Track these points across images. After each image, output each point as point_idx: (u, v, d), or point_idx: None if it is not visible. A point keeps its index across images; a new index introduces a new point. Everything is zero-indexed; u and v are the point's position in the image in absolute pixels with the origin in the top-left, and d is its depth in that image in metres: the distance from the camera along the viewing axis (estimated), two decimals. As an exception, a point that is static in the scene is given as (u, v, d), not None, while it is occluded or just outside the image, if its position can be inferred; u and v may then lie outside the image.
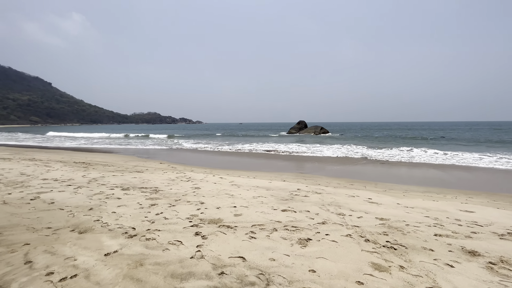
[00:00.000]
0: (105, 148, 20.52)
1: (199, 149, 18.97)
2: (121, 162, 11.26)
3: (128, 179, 6.70)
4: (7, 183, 5.74)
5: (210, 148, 19.71)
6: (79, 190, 5.34)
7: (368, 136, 35.53)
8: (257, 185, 6.42)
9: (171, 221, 3.54)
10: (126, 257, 2.46)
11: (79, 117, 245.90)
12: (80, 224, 3.33)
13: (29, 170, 7.57)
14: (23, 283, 2.00)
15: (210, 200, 4.76)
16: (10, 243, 2.73)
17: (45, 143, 25.31)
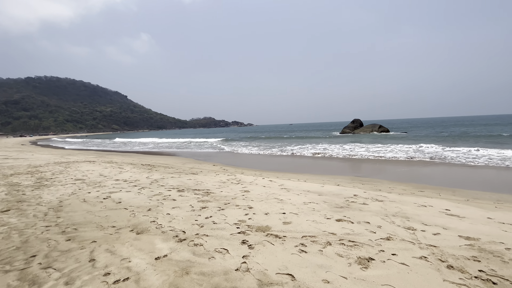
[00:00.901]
0: (167, 151, 22.73)
1: (249, 151, 19.31)
2: (179, 164, 12.19)
3: (184, 181, 7.11)
4: (89, 183, 6.72)
5: (260, 150, 19.86)
6: (142, 190, 5.86)
7: (438, 134, 30.67)
8: (308, 189, 6.03)
9: (219, 226, 3.50)
10: (173, 263, 2.47)
11: (148, 124, 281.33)
12: (138, 225, 3.57)
13: (106, 172, 8.77)
14: (85, 282, 2.15)
15: (258, 204, 4.61)
16: (82, 239, 3.07)
17: (122, 147, 29.54)
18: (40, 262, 2.51)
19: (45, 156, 16.24)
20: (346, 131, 39.28)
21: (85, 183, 6.67)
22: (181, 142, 33.95)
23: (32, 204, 4.65)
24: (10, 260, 2.55)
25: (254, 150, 19.70)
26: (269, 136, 39.70)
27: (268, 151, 18.59)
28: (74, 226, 3.52)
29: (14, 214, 4.08)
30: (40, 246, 2.87)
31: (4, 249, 2.81)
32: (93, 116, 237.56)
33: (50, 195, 5.35)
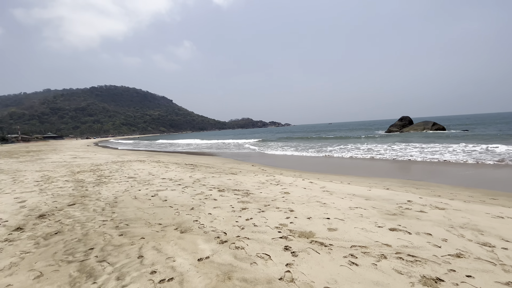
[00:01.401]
0: (208, 151, 23.71)
1: (287, 152, 19.00)
2: (219, 164, 12.53)
3: (224, 181, 7.22)
4: (139, 181, 7.27)
5: (298, 150, 19.39)
6: (186, 189, 6.10)
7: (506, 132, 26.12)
8: (353, 192, 5.58)
9: (260, 229, 3.40)
10: (216, 266, 2.43)
11: (190, 126, 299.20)
12: (182, 223, 3.67)
13: (154, 171, 9.42)
14: (133, 278, 2.24)
15: (300, 208, 4.40)
16: (132, 235, 3.25)
17: (168, 148, 31.81)
18: (96, 255, 2.72)
19: (105, 156, 18.28)
20: (393, 129, 36.13)
21: (136, 181, 7.23)
22: (220, 143, 35.12)
23: (92, 199, 5.18)
24: (72, 251, 2.82)
25: (292, 151, 19.33)
26: (307, 136, 38.67)
27: (306, 151, 18.04)
28: (126, 222, 3.78)
29: (78, 208, 4.58)
30: (97, 240, 3.13)
31: (69, 240, 3.13)
32: (143, 119, 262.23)
33: (107, 192, 5.91)
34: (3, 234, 3.42)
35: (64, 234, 3.33)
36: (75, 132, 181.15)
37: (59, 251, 2.83)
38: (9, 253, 2.84)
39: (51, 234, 3.34)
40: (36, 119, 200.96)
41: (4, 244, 3.09)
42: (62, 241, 3.12)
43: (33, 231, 3.48)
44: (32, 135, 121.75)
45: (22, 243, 3.09)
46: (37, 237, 3.27)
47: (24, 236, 3.32)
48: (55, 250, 2.86)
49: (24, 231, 3.49)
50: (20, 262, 2.61)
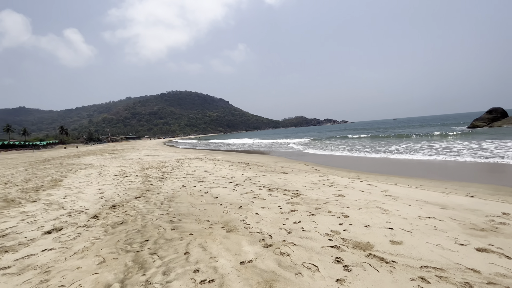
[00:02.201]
0: (261, 150, 24.02)
1: (342, 151, 17.70)
2: (271, 162, 12.48)
3: (274, 180, 7.08)
4: (196, 178, 7.74)
5: (355, 149, 17.85)
6: (236, 187, 6.18)
7: None
8: (424, 198, 4.70)
9: (309, 235, 3.11)
10: (258, 272, 2.29)
11: (245, 125, 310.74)
12: (229, 222, 3.67)
13: (209, 168, 9.95)
14: (177, 275, 2.28)
15: (356, 213, 3.91)
16: (183, 230, 3.39)
17: (225, 147, 33.60)
18: (149, 247, 2.90)
19: (170, 154, 20.37)
20: (479, 124, 29.99)
21: (193, 178, 7.73)
22: (271, 142, 35.19)
23: (154, 193, 5.72)
24: (131, 242, 3.09)
25: (347, 150, 17.91)
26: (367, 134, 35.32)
27: (364, 150, 16.44)
28: (179, 217, 3.99)
29: (142, 201, 5.09)
30: (153, 232, 3.36)
31: (130, 231, 3.46)
32: (204, 120, 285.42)
33: (167, 187, 6.46)
34: (83, 220, 4.03)
35: (127, 224, 3.71)
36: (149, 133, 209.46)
37: (121, 240, 3.14)
38: (84, 238, 3.30)
39: (118, 224, 3.76)
40: (121, 122, 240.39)
41: (83, 230, 3.61)
42: (124, 230, 3.47)
43: (105, 220, 3.99)
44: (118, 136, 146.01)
45: (95, 230, 3.57)
46: (107, 225, 3.73)
47: (98, 223, 3.84)
48: (118, 239, 3.19)
49: (98, 219, 4.04)
50: (91, 247, 2.99)
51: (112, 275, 2.35)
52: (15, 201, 5.57)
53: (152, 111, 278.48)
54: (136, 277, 2.29)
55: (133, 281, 2.23)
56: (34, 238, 3.40)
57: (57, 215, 4.41)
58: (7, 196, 6.03)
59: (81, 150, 39.62)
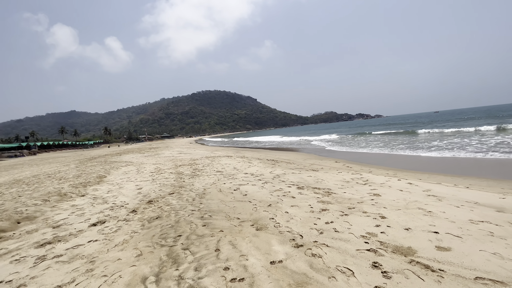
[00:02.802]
0: (290, 147, 23.72)
1: (376, 147, 16.68)
2: (300, 160, 12.22)
3: (304, 178, 6.90)
4: (225, 175, 7.87)
5: (391, 145, 16.69)
6: (265, 185, 6.15)
7: None
8: (476, 200, 4.19)
9: (342, 236, 2.95)
10: (288, 273, 2.22)
11: (273, 122, 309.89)
12: (258, 220, 3.64)
13: (239, 165, 10.06)
14: (208, 272, 2.30)
15: (394, 214, 3.62)
16: (213, 227, 3.45)
17: (254, 144, 33.84)
18: (182, 242, 3.00)
19: (201, 151, 21.09)
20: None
21: (222, 175, 7.87)
22: (299, 140, 34.48)
23: (187, 190, 5.93)
24: (165, 236, 3.22)
25: (381, 146, 16.82)
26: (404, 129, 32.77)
27: (401, 146, 15.27)
28: (210, 213, 4.08)
29: (175, 197, 5.31)
30: (185, 228, 3.47)
31: (165, 225, 3.61)
32: (232, 118, 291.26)
33: (199, 184, 6.66)
34: (123, 214, 4.33)
35: (162, 220, 3.89)
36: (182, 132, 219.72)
37: (156, 235, 3.30)
38: (124, 231, 3.52)
39: (153, 218, 3.96)
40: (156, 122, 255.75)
41: (123, 223, 3.87)
42: (159, 225, 3.64)
43: (142, 214, 4.24)
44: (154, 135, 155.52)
45: (134, 224, 3.80)
46: (144, 219, 3.95)
47: (136, 218, 4.09)
48: (153, 233, 3.35)
49: (136, 214, 4.31)
50: (130, 240, 3.18)
51: (148, 268, 2.46)
52: (67, 195, 6.20)
53: (184, 110, 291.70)
54: (170, 272, 2.37)
55: (167, 275, 2.31)
56: (82, 230, 3.73)
57: (101, 209, 4.80)
58: (61, 190, 6.74)
59: (122, 148, 42.99)
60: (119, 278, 2.32)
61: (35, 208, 5.03)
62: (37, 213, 4.75)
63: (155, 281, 2.24)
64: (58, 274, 2.51)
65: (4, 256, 3.04)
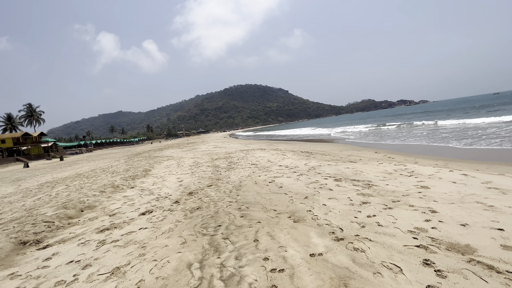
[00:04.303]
0: (325, 138, 22.98)
1: (418, 137, 15.22)
2: (336, 151, 11.77)
3: (341, 169, 6.63)
4: (260, 168, 7.94)
5: (437, 134, 15.08)
6: (300, 177, 6.05)
7: None
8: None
9: (386, 231, 2.77)
10: (329, 266, 2.16)
11: (306, 114, 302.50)
12: (295, 212, 3.61)
13: (272, 158, 10.06)
14: (249, 261, 2.36)
15: (447, 209, 3.28)
16: (251, 218, 3.51)
17: (288, 136, 33.52)
18: (222, 232, 3.12)
19: (235, 145, 21.57)
20: None
21: (257, 168, 7.96)
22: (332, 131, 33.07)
23: (223, 182, 6.13)
24: (206, 226, 3.38)
25: (427, 134, 15.29)
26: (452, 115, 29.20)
27: (452, 136, 13.69)
28: (247, 205, 4.16)
29: (213, 189, 5.53)
30: (224, 218, 3.60)
31: (205, 216, 3.79)
32: (264, 111, 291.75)
33: (234, 176, 6.83)
34: (168, 205, 4.65)
35: (202, 210, 4.09)
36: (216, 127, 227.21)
37: (198, 224, 3.48)
38: (169, 220, 3.79)
39: (194, 209, 4.19)
40: (192, 118, 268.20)
41: (168, 213, 4.17)
42: (200, 215, 3.83)
43: (184, 205, 4.51)
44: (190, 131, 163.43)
45: (177, 214, 4.06)
46: (186, 210, 4.20)
47: (179, 208, 4.37)
48: (195, 223, 3.54)
49: (179, 204, 4.60)
50: (174, 229, 3.41)
51: (193, 255, 2.61)
52: (119, 187, 6.88)
53: (217, 106, 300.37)
54: (212, 259, 2.48)
55: (210, 263, 2.43)
56: (133, 218, 4.11)
57: (148, 200, 5.23)
58: (114, 183, 7.50)
59: (163, 144, 46.12)
60: (167, 263, 2.51)
61: (94, 198, 5.69)
62: (96, 203, 5.37)
63: (199, 268, 2.37)
64: (116, 257, 2.81)
65: (73, 239, 3.51)
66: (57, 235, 3.76)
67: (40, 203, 6.00)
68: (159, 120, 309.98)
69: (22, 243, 3.43)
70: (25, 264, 2.91)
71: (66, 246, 3.29)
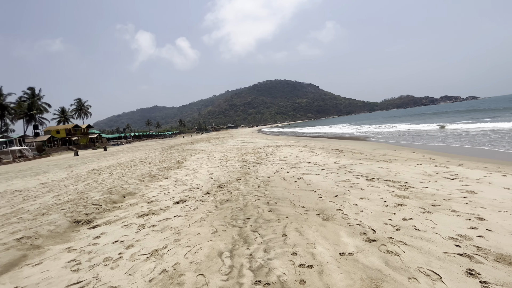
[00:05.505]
0: (356, 135, 22.01)
1: (467, 135, 13.78)
2: (369, 149, 11.23)
3: (374, 169, 6.34)
4: (288, 164, 7.92)
5: (489, 134, 13.50)
6: (330, 175, 5.92)
7: None
8: None
9: (424, 236, 2.61)
10: (360, 266, 2.12)
11: (337, 110, 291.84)
12: (325, 210, 3.56)
13: (301, 155, 9.94)
14: (277, 254, 2.40)
15: (497, 217, 2.97)
16: (279, 213, 3.55)
17: (312, 134, 32.74)
18: (251, 225, 3.20)
19: (263, 141, 21.68)
20: None
21: (285, 164, 7.94)
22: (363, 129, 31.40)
23: (252, 177, 6.24)
24: (236, 218, 3.49)
25: (471, 135, 13.78)
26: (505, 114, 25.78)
27: (507, 137, 12.17)
28: (275, 200, 4.20)
29: (242, 183, 5.67)
30: (252, 212, 3.69)
31: (234, 208, 3.92)
32: (293, 107, 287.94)
33: (262, 171, 6.91)
34: (199, 195, 4.89)
35: (232, 202, 4.23)
36: (244, 122, 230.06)
37: (228, 215, 3.62)
38: (201, 210, 3.99)
39: (224, 201, 4.35)
40: (222, 114, 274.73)
41: (200, 203, 4.39)
42: (230, 207, 3.97)
43: (214, 197, 4.70)
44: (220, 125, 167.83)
45: (208, 204, 4.25)
46: (216, 201, 4.38)
47: (209, 199, 4.57)
48: (225, 214, 3.68)
49: (210, 196, 4.80)
50: (206, 218, 3.59)
51: (223, 245, 2.74)
52: (156, 177, 7.38)
53: (246, 101, 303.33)
54: (241, 250, 2.58)
55: (240, 253, 2.53)
56: (168, 206, 4.40)
57: (181, 190, 5.54)
58: (151, 172, 8.06)
59: (194, 138, 48.09)
60: (200, 250, 2.66)
61: (134, 186, 6.19)
62: (135, 190, 5.84)
63: (229, 256, 2.48)
64: (154, 240, 3.05)
65: (117, 222, 3.88)
66: (104, 217, 4.19)
67: (89, 188, 6.70)
68: (191, 115, 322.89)
69: (76, 222, 3.89)
70: (79, 240, 3.31)
71: (111, 227, 3.65)
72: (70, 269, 2.56)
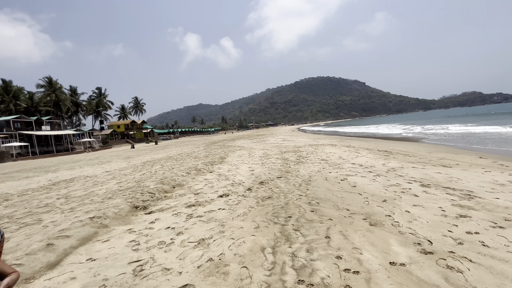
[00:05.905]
0: (408, 136, 20.08)
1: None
2: (423, 152, 10.14)
3: (430, 174, 5.72)
4: (330, 164, 7.64)
5: None
6: (377, 178, 5.53)
7: None
8: None
9: (495, 254, 2.28)
10: (414, 280, 1.95)
11: (386, 108, 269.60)
12: (372, 215, 3.35)
13: (344, 155, 9.49)
14: (320, 256, 2.35)
15: None
16: (321, 214, 3.46)
17: (354, 133, 30.84)
18: (293, 223, 3.19)
19: (304, 139, 21.26)
20: None
21: (327, 164, 7.68)
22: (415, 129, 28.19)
23: (293, 176, 6.19)
24: (277, 215, 3.52)
25: None
26: None
27: None
28: (317, 200, 4.11)
29: (283, 181, 5.67)
30: (294, 210, 3.67)
31: (276, 205, 3.95)
32: (336, 105, 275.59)
33: (304, 170, 6.80)
34: (242, 191, 5.04)
35: (273, 200, 4.27)
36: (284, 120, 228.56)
37: (269, 212, 3.66)
38: (243, 205, 4.12)
39: (266, 198, 4.41)
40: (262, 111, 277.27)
41: (242, 198, 4.53)
42: (271, 204, 4.01)
43: (256, 193, 4.79)
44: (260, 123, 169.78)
45: (250, 200, 4.37)
46: (258, 197, 4.47)
47: (251, 195, 4.68)
48: (267, 211, 3.74)
49: (251, 192, 4.92)
50: (248, 213, 3.69)
51: (265, 240, 2.79)
52: (201, 171, 7.85)
53: (287, 99, 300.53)
54: (283, 247, 2.60)
55: (282, 250, 2.55)
56: (213, 199, 4.65)
57: (224, 184, 5.79)
58: (197, 166, 8.60)
59: (235, 135, 49.60)
60: (243, 243, 2.76)
61: (182, 178, 6.69)
62: (183, 182, 6.30)
63: (272, 253, 2.52)
64: (201, 230, 3.26)
65: (168, 210, 4.25)
66: (157, 205, 4.63)
67: (144, 178, 7.45)
68: (232, 112, 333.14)
69: (134, 207, 4.39)
70: (137, 223, 3.73)
71: (164, 215, 4.02)
72: (131, 248, 2.90)
